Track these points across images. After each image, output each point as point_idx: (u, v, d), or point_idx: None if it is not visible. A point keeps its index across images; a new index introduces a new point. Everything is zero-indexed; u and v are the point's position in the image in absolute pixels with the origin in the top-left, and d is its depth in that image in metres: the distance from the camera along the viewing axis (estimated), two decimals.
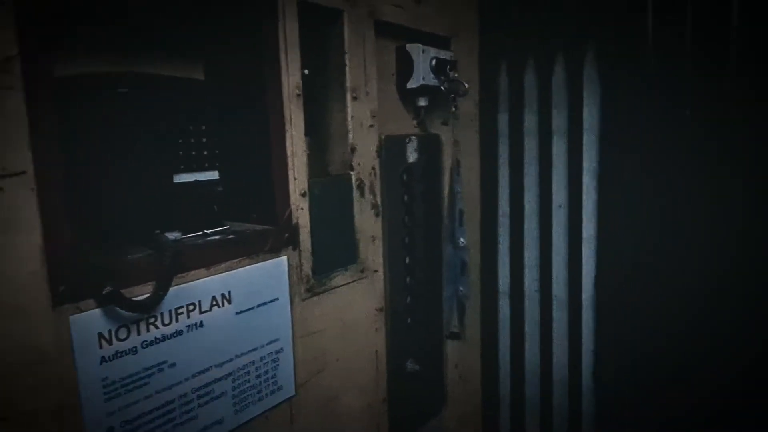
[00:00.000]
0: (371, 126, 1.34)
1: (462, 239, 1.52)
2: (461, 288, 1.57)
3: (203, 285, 0.99)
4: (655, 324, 1.62)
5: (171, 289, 0.92)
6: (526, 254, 1.83)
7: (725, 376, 1.51)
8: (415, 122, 1.55)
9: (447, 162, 1.63)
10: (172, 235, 1.00)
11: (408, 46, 1.43)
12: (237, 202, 1.12)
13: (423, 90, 1.46)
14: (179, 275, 0.95)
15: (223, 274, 1.02)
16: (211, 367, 1.01)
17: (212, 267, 1.00)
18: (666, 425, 1.61)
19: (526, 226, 1.82)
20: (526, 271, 1.81)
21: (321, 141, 1.30)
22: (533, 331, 1.84)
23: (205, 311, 0.99)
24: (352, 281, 1.32)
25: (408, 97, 1.50)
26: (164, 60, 1.07)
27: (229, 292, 1.03)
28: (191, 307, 0.97)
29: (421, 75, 1.43)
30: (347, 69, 1.26)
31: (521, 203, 1.80)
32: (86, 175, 0.91)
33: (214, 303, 1.01)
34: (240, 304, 1.05)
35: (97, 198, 0.92)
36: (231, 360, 1.05)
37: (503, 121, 1.80)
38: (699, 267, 1.51)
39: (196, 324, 0.98)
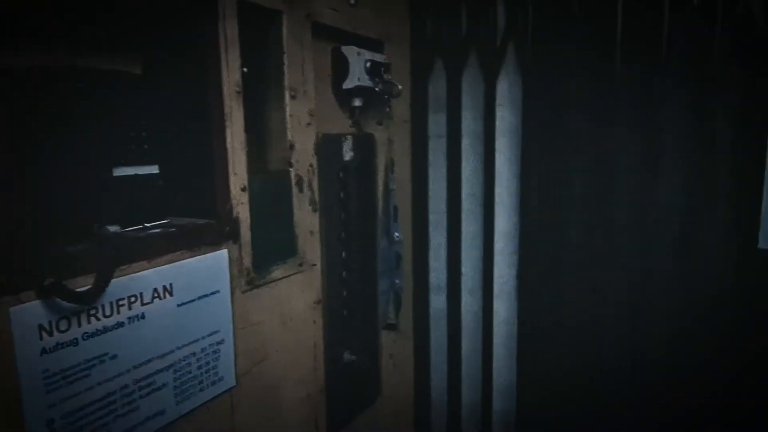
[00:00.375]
0: (309, 124, 1.39)
1: (397, 234, 1.60)
2: (397, 281, 1.65)
3: (145, 277, 1.00)
4: (574, 314, 1.76)
5: (112, 281, 0.93)
6: (454, 249, 1.94)
7: (644, 362, 1.67)
8: (350, 122, 1.61)
9: (381, 161, 1.70)
10: (111, 228, 1.00)
11: (344, 48, 1.49)
12: (178, 196, 1.13)
13: (358, 91, 1.53)
14: (121, 267, 0.95)
15: (165, 266, 1.03)
16: (153, 358, 1.02)
17: (154, 259, 1.01)
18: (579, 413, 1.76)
19: (453, 222, 1.93)
20: (457, 264, 1.92)
21: (260, 138, 1.33)
22: (454, 320, 1.95)
23: (147, 303, 1.00)
24: (291, 274, 1.36)
25: (344, 97, 1.56)
26: (103, 54, 1.07)
27: (171, 285, 1.05)
28: (132, 299, 0.98)
29: (357, 76, 1.49)
30: (286, 68, 1.30)
31: (450, 201, 1.91)
32: (24, 168, 0.90)
33: (156, 295, 1.02)
34: (181, 297, 1.07)
35: (34, 191, 0.92)
36: (172, 351, 1.06)
37: (434, 122, 1.90)
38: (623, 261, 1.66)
39: (137, 316, 0.99)
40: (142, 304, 0.99)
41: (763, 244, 1.47)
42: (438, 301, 1.96)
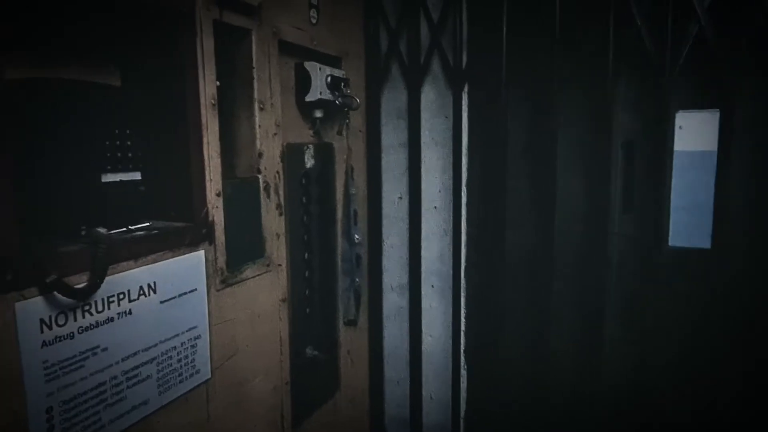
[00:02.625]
0: (275, 134, 1.49)
1: (357, 236, 1.72)
2: (357, 279, 1.77)
3: (132, 275, 1.08)
4: (514, 307, 1.95)
5: (107, 277, 1.01)
6: (407, 250, 2.08)
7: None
8: (311, 132, 1.73)
9: (340, 167, 1.82)
10: (100, 230, 1.07)
11: (306, 64, 1.60)
12: (158, 200, 1.21)
13: (319, 103, 1.65)
14: (111, 266, 1.03)
15: (150, 265, 1.11)
16: (139, 351, 1.10)
17: (140, 259, 1.09)
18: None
19: (403, 225, 2.08)
20: (412, 265, 2.07)
21: (231, 146, 1.42)
22: (414, 319, 2.10)
23: (134, 300, 1.08)
24: (260, 274, 1.46)
25: (306, 109, 1.67)
26: (89, 68, 1.14)
27: (155, 283, 1.13)
28: (121, 296, 1.05)
29: (318, 90, 1.61)
30: (255, 82, 1.41)
31: (405, 205, 2.06)
32: (21, 174, 0.96)
33: (141, 292, 1.10)
34: (164, 294, 1.15)
35: (31, 195, 0.98)
36: (156, 345, 1.14)
37: (386, 133, 2.05)
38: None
39: (125, 312, 1.06)
40: (130, 301, 1.07)
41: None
42: (395, 299, 2.11)
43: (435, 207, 2.04)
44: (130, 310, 1.07)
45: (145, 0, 1.10)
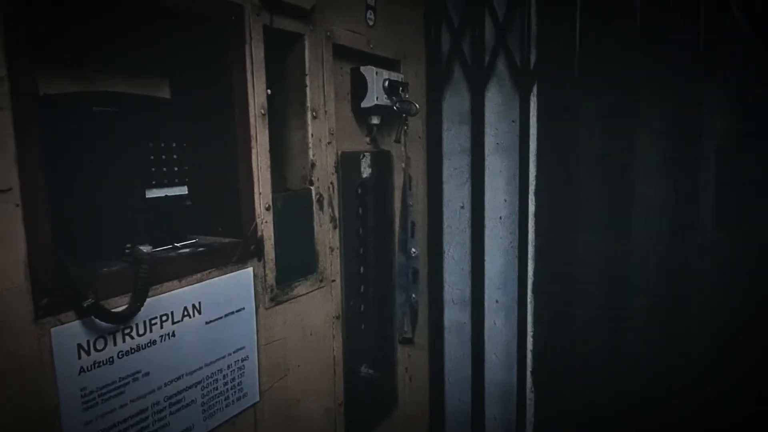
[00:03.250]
0: (329, 143, 1.42)
1: (414, 249, 1.62)
2: (413, 295, 1.67)
3: (175, 296, 1.03)
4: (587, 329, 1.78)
5: (148, 299, 0.96)
6: (471, 263, 1.96)
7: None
8: (368, 139, 1.64)
9: (398, 176, 1.73)
10: (144, 249, 1.03)
11: (362, 69, 1.52)
12: (204, 215, 1.17)
13: (376, 109, 1.56)
14: (154, 287, 0.98)
15: (194, 285, 1.06)
16: (183, 375, 1.05)
17: (184, 279, 1.04)
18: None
19: (465, 236, 1.96)
20: (475, 279, 1.95)
21: (281, 157, 1.36)
22: (476, 336, 1.97)
23: (177, 321, 1.03)
24: (312, 290, 1.39)
25: (362, 115, 1.59)
26: (134, 80, 1.11)
27: (200, 303, 1.07)
28: (164, 318, 1.00)
29: (375, 95, 1.53)
30: (308, 89, 1.34)
31: (467, 214, 1.94)
32: (64, 192, 0.93)
33: (186, 313, 1.05)
34: (209, 314, 1.10)
35: (73, 213, 0.95)
36: (201, 368, 1.09)
37: (448, 139, 1.94)
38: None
39: (168, 334, 1.01)
40: (173, 323, 1.02)
41: None
42: (456, 315, 1.99)
43: (500, 217, 1.91)
44: (173, 332, 1.02)
45: (192, 9, 1.04)
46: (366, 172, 1.59)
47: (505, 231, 1.90)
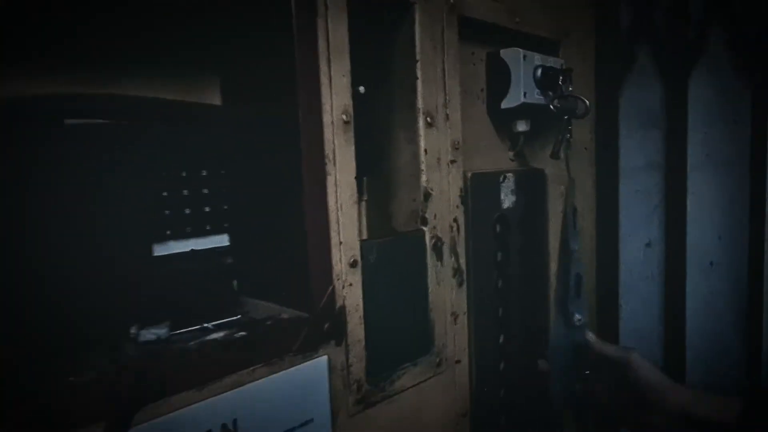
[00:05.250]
0: (452, 161, 0.97)
1: (578, 315, 1.09)
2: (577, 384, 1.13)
3: (193, 414, 0.64)
4: None
5: (140, 426, 0.59)
6: (661, 323, 1.37)
7: None
8: (510, 154, 1.16)
9: (557, 207, 1.22)
10: (154, 332, 0.67)
11: (503, 52, 1.05)
12: (252, 278, 0.78)
13: (523, 110, 1.08)
14: (155, 402, 0.61)
15: (226, 394, 0.67)
16: None
17: (207, 386, 0.66)
18: None
19: (653, 285, 1.37)
20: (669, 347, 1.35)
21: (380, 185, 0.94)
22: None
23: None
24: (425, 380, 0.94)
25: (502, 120, 1.12)
26: (151, 78, 0.76)
27: (235, 421, 0.68)
28: None
29: (522, 90, 1.04)
30: (419, 84, 0.90)
31: (657, 255, 1.36)
32: (21, 249, 0.60)
33: None
34: None
35: (37, 283, 0.61)
36: None
37: (627, 149, 1.38)
38: None
39: None
40: None
41: None
42: None
43: (711, 263, 1.29)
44: None
45: None
46: (508, 200, 1.11)
47: (721, 282, 1.29)
